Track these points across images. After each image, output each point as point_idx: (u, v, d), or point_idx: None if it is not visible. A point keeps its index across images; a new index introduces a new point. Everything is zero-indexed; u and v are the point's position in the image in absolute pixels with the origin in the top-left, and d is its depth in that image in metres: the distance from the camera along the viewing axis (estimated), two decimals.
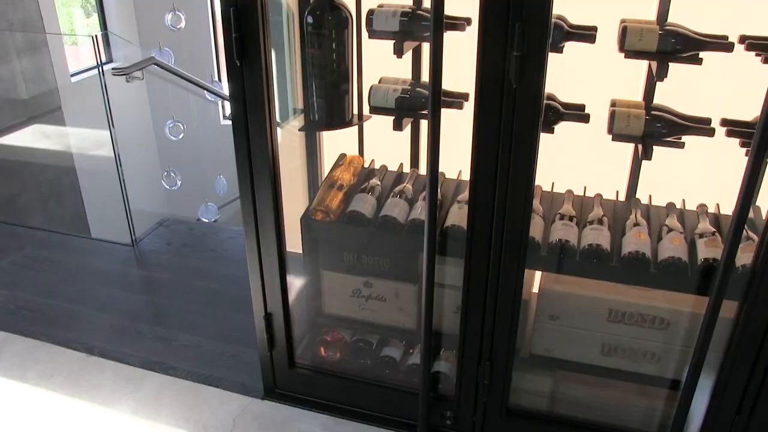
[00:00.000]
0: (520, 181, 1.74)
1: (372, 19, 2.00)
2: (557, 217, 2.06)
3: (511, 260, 1.86)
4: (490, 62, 1.63)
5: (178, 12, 4.25)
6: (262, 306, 2.26)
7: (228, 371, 2.62)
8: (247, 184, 2.04)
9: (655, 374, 2.10)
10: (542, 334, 2.13)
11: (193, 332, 2.84)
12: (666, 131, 1.87)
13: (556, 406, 2.28)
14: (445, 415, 2.23)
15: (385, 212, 2.14)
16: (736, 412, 1.92)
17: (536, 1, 1.52)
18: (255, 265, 2.17)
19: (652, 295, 2.01)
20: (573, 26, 1.80)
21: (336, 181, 2.28)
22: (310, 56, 2.04)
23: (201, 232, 3.76)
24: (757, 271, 1.71)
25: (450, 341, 2.18)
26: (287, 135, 2.50)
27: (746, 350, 1.82)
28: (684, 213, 2.15)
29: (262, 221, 2.08)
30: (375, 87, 2.10)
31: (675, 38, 1.76)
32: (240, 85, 1.89)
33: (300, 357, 2.41)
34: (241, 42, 1.82)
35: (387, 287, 2.24)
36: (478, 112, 1.69)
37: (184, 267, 3.36)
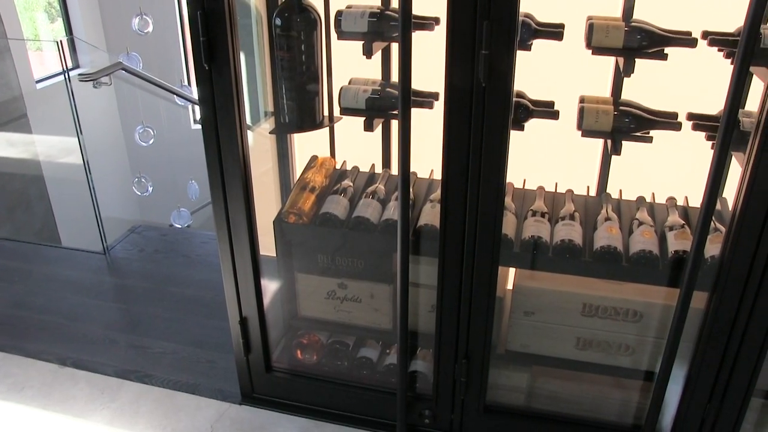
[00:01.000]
0: (491, 179, 1.75)
1: (340, 20, 2.00)
2: (529, 214, 2.08)
3: (485, 258, 1.87)
4: (459, 61, 1.63)
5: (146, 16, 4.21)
6: (236, 310, 2.24)
7: (204, 377, 2.59)
8: (218, 188, 2.02)
9: (630, 366, 2.12)
10: (518, 331, 2.14)
11: (168, 339, 2.81)
12: (634, 126, 1.89)
13: (533, 402, 2.29)
14: (423, 414, 2.24)
15: (358, 213, 2.14)
16: (708, 400, 1.95)
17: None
18: (229, 269, 2.16)
19: (624, 289, 2.03)
20: (540, 24, 1.81)
21: (308, 183, 2.27)
22: (279, 58, 2.03)
23: (174, 237, 3.72)
24: (725, 262, 1.74)
25: (426, 340, 2.19)
26: (258, 138, 2.49)
27: (716, 340, 1.85)
28: (654, 206, 2.18)
29: (235, 225, 2.07)
30: (345, 88, 2.09)
31: (640, 34, 1.78)
32: (209, 88, 1.87)
33: (276, 361, 2.40)
34: (209, 45, 1.80)
35: (362, 288, 2.24)
36: (448, 111, 1.70)
37: (157, 274, 3.32)
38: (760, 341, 1.81)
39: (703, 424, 2.00)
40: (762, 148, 1.57)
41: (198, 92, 1.91)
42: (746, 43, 1.45)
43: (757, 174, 1.60)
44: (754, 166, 1.60)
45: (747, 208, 1.65)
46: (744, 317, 1.79)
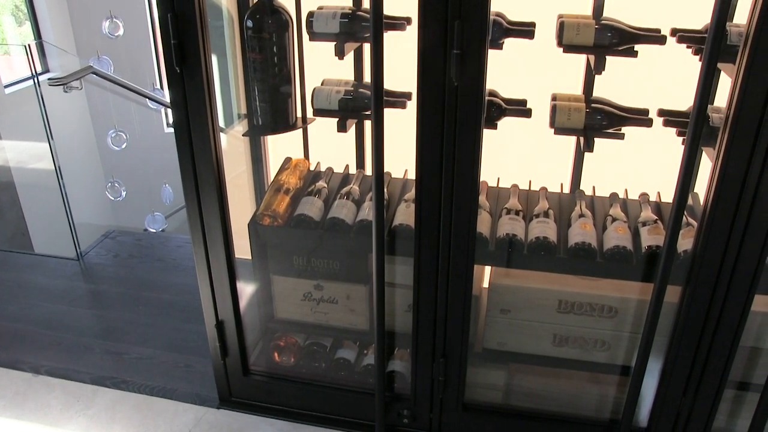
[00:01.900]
0: (465, 178, 1.76)
1: (312, 21, 1.99)
2: (504, 212, 2.09)
3: (460, 256, 1.88)
4: (431, 61, 1.63)
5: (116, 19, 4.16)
6: (213, 314, 2.23)
7: (182, 382, 2.57)
8: (192, 191, 2.01)
9: (606, 362, 2.13)
10: (494, 328, 2.15)
11: (144, 344, 2.79)
12: (606, 123, 1.90)
13: (511, 399, 2.30)
14: (402, 414, 2.24)
15: (333, 214, 2.13)
16: (683, 392, 1.97)
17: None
18: (204, 273, 2.15)
19: (599, 285, 2.05)
20: (512, 23, 1.82)
21: (282, 185, 2.26)
22: (251, 60, 2.02)
23: (148, 242, 3.69)
24: (698, 256, 1.76)
25: (403, 340, 2.19)
26: (232, 140, 2.48)
27: (690, 333, 1.87)
28: (627, 202, 2.20)
29: (210, 229, 2.06)
30: (318, 89, 2.09)
31: (611, 32, 1.80)
32: (181, 91, 1.86)
33: (254, 364, 2.39)
34: (180, 48, 1.79)
35: (338, 289, 2.24)
36: (420, 110, 1.70)
37: (132, 279, 3.29)
38: (732, 333, 1.83)
39: (678, 416, 2.02)
40: (731, 142, 1.59)
41: (170, 95, 1.89)
42: (713, 41, 1.47)
43: (726, 168, 1.62)
44: (723, 160, 1.62)
45: (718, 202, 1.67)
46: (716, 310, 1.82)
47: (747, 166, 1.61)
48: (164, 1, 1.73)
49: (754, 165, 1.60)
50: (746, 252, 1.71)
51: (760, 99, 1.52)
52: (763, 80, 1.50)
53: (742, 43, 1.52)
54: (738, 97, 1.54)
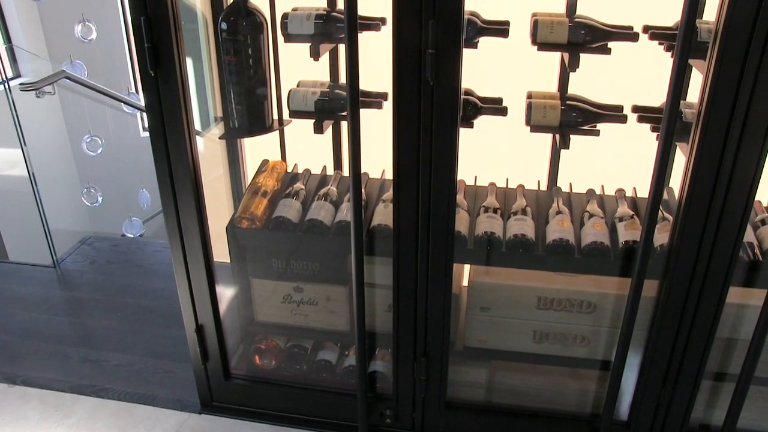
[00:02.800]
0: (442, 177, 1.76)
1: (287, 23, 1.98)
2: (482, 210, 2.09)
3: (439, 255, 1.88)
4: (406, 61, 1.64)
5: (89, 23, 4.12)
6: (192, 319, 2.21)
7: (163, 388, 2.55)
8: (169, 196, 1.99)
9: (586, 357, 2.15)
10: (475, 326, 2.15)
11: (123, 351, 2.76)
12: (581, 120, 1.92)
13: (493, 396, 2.31)
14: (384, 414, 2.24)
15: (311, 216, 2.13)
16: (662, 385, 1.99)
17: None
18: (183, 277, 2.13)
19: (578, 281, 2.06)
20: (486, 22, 1.83)
21: (260, 187, 2.25)
22: (227, 63, 2.01)
23: (126, 248, 3.66)
24: (674, 250, 1.78)
25: (384, 340, 2.19)
26: (208, 144, 2.46)
27: (668, 326, 1.89)
28: (603, 198, 2.22)
29: (187, 233, 2.04)
30: (294, 91, 2.08)
31: (584, 30, 1.81)
32: (155, 95, 1.84)
33: (235, 368, 2.37)
34: (153, 51, 1.77)
35: (318, 291, 2.23)
36: (397, 111, 1.70)
37: (110, 285, 3.26)
38: (709, 325, 1.86)
39: (658, 408, 2.04)
40: (703, 137, 1.61)
41: (144, 99, 1.88)
42: (684, 37, 1.48)
43: (700, 163, 1.64)
44: (697, 155, 1.64)
45: (692, 196, 1.69)
46: (693, 303, 1.84)
47: (719, 160, 1.63)
48: (137, 5, 1.72)
49: (726, 159, 1.62)
50: (720, 245, 1.73)
51: (730, 94, 1.54)
52: (733, 75, 1.53)
53: (711, 40, 1.54)
54: (709, 93, 1.56)
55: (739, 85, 1.53)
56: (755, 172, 1.63)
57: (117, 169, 5.21)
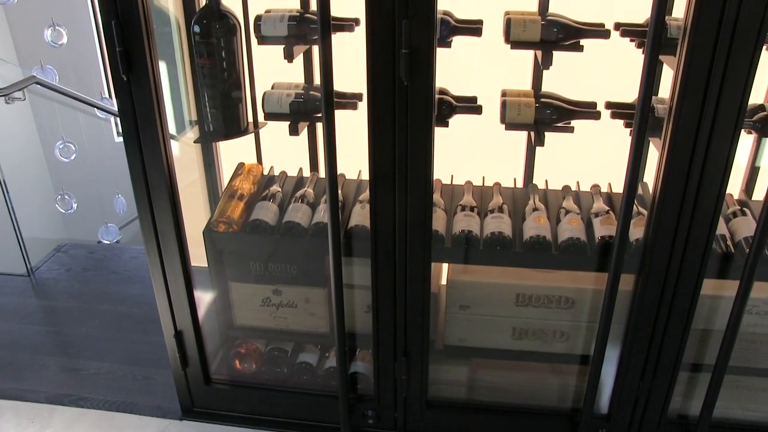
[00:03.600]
0: (418, 176, 1.77)
1: (260, 25, 1.98)
2: (459, 209, 2.10)
3: (417, 255, 1.89)
4: (380, 61, 1.64)
5: (59, 27, 4.07)
6: (171, 324, 2.20)
7: (143, 395, 2.53)
8: (144, 201, 1.98)
9: (565, 352, 2.17)
10: (454, 325, 2.16)
11: (102, 359, 2.73)
12: (556, 117, 1.93)
13: (474, 394, 2.32)
14: (366, 415, 2.24)
15: (288, 218, 2.12)
16: (641, 377, 2.01)
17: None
18: (160, 283, 2.11)
19: (555, 277, 2.07)
20: (459, 21, 1.83)
21: (236, 191, 2.24)
22: (200, 66, 1.99)
23: (102, 254, 3.62)
24: (649, 244, 1.80)
25: (365, 341, 2.19)
26: (184, 148, 2.44)
27: (645, 319, 1.91)
28: (579, 194, 2.24)
29: (164, 238, 2.03)
30: (268, 93, 2.07)
31: (557, 27, 1.82)
32: (128, 100, 1.83)
33: (215, 372, 2.36)
34: (126, 56, 1.76)
35: (297, 293, 2.23)
36: (372, 111, 1.70)
37: (86, 292, 3.22)
38: (684, 317, 1.88)
39: (637, 400, 2.06)
40: (675, 132, 1.63)
41: (117, 104, 1.86)
42: (654, 34, 1.50)
43: (672, 157, 1.66)
44: (669, 150, 1.66)
45: (665, 190, 1.71)
46: (669, 296, 1.86)
47: (691, 155, 1.65)
48: (107, 8, 1.70)
49: (698, 153, 1.64)
50: (694, 238, 1.76)
51: (699, 89, 1.56)
52: (702, 70, 1.55)
53: (680, 36, 1.56)
54: (679, 88, 1.58)
55: (709, 80, 1.55)
56: (726, 165, 1.65)
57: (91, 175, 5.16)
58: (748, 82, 1.55)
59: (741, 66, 1.53)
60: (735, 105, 1.57)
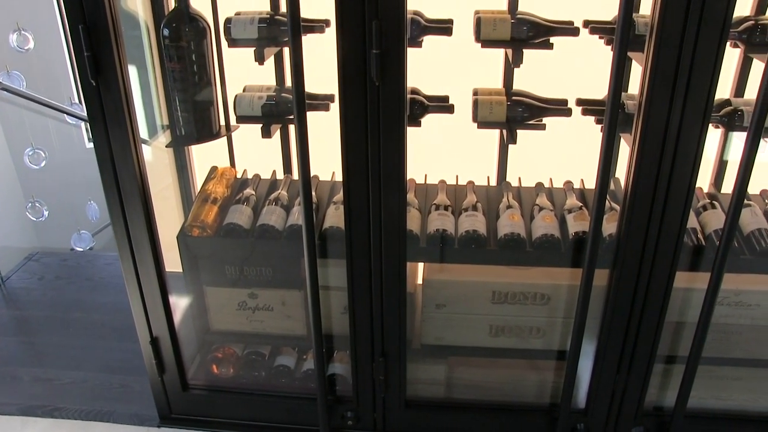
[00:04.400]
0: (392, 177, 1.77)
1: (230, 27, 1.96)
2: (433, 208, 2.10)
3: (392, 255, 1.89)
4: (351, 62, 1.64)
5: (24, 32, 4.00)
6: (146, 331, 2.18)
7: (119, 403, 2.50)
8: (116, 207, 1.96)
9: (542, 348, 2.18)
10: (431, 324, 2.16)
11: (77, 368, 2.69)
12: (527, 115, 1.94)
13: (453, 392, 2.33)
14: (346, 416, 2.23)
15: (263, 221, 2.11)
16: (617, 371, 2.03)
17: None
18: (134, 289, 2.09)
19: (531, 273, 2.09)
20: (430, 21, 1.84)
21: (209, 194, 2.23)
22: (170, 70, 1.98)
23: (75, 262, 3.57)
24: (622, 239, 1.82)
25: (342, 342, 2.18)
26: (156, 152, 2.42)
27: (620, 313, 1.93)
28: (552, 191, 2.25)
29: (137, 244, 2.01)
30: (239, 96, 2.06)
31: (526, 26, 1.83)
32: (98, 105, 1.80)
33: (193, 378, 2.34)
34: (94, 60, 1.73)
35: (273, 296, 2.22)
36: (343, 112, 1.70)
37: (60, 301, 3.18)
38: (658, 310, 1.90)
39: (614, 393, 2.08)
40: (645, 127, 1.65)
41: (86, 110, 1.84)
42: (622, 31, 1.51)
43: (643, 153, 1.68)
44: (639, 145, 1.67)
45: (637, 185, 1.73)
46: (642, 289, 1.88)
47: (661, 150, 1.67)
48: (74, 12, 1.68)
49: (668, 148, 1.66)
50: (666, 232, 1.78)
51: (668, 84, 1.58)
52: (670, 67, 1.56)
53: (648, 33, 1.58)
54: (648, 84, 1.59)
55: (676, 76, 1.57)
56: (695, 159, 1.67)
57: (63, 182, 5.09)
58: (714, 78, 1.57)
59: (707, 62, 1.55)
60: (702, 100, 1.60)
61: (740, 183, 1.68)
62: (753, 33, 1.85)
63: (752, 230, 1.98)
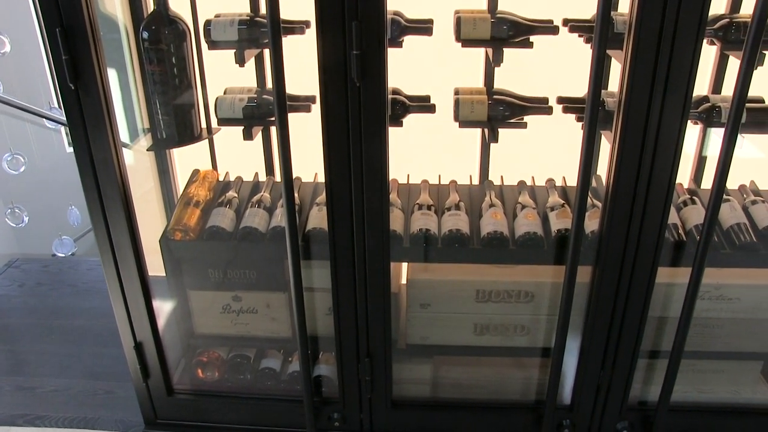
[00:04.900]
0: (374, 177, 1.77)
1: (210, 29, 1.96)
2: (416, 208, 2.11)
3: (376, 255, 1.89)
4: (332, 63, 1.63)
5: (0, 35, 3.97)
6: (130, 336, 2.16)
7: (104, 410, 2.49)
8: (98, 212, 1.94)
9: (527, 345, 2.19)
10: (416, 324, 2.17)
11: (60, 375, 2.67)
12: (508, 113, 1.95)
13: (439, 391, 2.33)
14: (332, 418, 2.23)
15: (245, 224, 2.11)
16: (601, 367, 2.04)
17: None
18: (117, 295, 2.08)
19: (514, 272, 2.10)
20: (410, 20, 1.84)
21: (192, 198, 2.22)
22: (150, 73, 1.97)
23: (57, 268, 3.55)
24: (604, 235, 1.83)
25: (327, 343, 2.18)
26: (137, 156, 2.41)
27: (603, 309, 1.94)
28: (534, 189, 2.26)
29: (120, 248, 1.99)
30: (220, 98, 2.05)
31: (506, 25, 1.84)
32: (77, 109, 1.79)
33: (178, 382, 2.33)
34: (72, 64, 1.72)
35: (257, 299, 2.21)
36: (325, 113, 1.70)
37: (42, 308, 3.15)
38: (641, 306, 1.92)
39: (599, 389, 2.10)
40: (625, 124, 1.66)
41: (65, 114, 1.82)
42: (601, 29, 1.52)
43: (623, 150, 1.69)
44: (620, 142, 1.69)
45: (618, 181, 1.74)
46: (625, 285, 1.89)
47: (641, 146, 1.68)
48: (50, 15, 1.66)
49: (648, 144, 1.67)
50: (647, 227, 1.79)
51: (647, 82, 1.60)
52: (648, 64, 1.58)
53: (626, 31, 1.59)
54: (627, 81, 1.61)
55: (655, 73, 1.59)
56: (675, 155, 1.69)
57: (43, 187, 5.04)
58: (691, 75, 1.58)
59: (684, 59, 1.56)
60: (681, 97, 1.61)
61: (719, 178, 1.69)
62: (728, 30, 1.87)
63: (731, 225, 2.00)
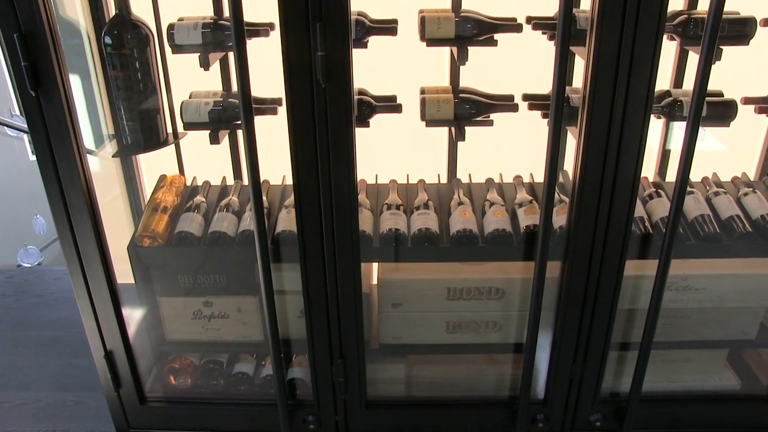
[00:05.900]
0: (342, 178, 1.76)
1: (173, 33, 1.94)
2: (385, 208, 2.11)
3: (346, 256, 1.89)
4: (297, 65, 1.63)
5: None
6: (100, 345, 2.13)
7: (75, 421, 2.45)
8: (63, 220, 1.91)
9: (499, 342, 2.20)
10: (388, 323, 2.17)
11: (28, 388, 2.63)
12: (475, 111, 1.96)
13: (413, 390, 2.34)
14: (307, 420, 2.22)
15: (214, 228, 2.09)
16: (573, 360, 2.06)
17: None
18: (86, 303, 2.05)
19: (484, 269, 2.11)
20: (374, 21, 1.84)
21: (159, 203, 2.20)
22: (114, 78, 1.94)
23: (23, 278, 3.48)
24: (572, 230, 1.85)
25: (300, 346, 2.17)
26: (102, 162, 2.38)
27: (573, 304, 1.96)
28: (503, 186, 2.28)
29: (87, 257, 1.96)
30: (186, 102, 2.04)
31: (470, 23, 1.85)
32: (39, 116, 1.76)
33: (150, 391, 2.30)
34: (32, 70, 1.69)
35: (228, 303, 2.20)
36: (291, 115, 1.69)
37: (7, 320, 3.09)
38: (610, 299, 1.94)
39: (571, 383, 2.12)
40: (590, 120, 1.68)
41: (27, 121, 1.79)
42: (563, 26, 1.54)
43: (588, 145, 1.71)
44: (585, 137, 1.70)
45: (584, 176, 1.76)
46: (594, 279, 1.91)
47: (606, 141, 1.70)
48: (8, 21, 1.63)
49: (612, 139, 1.69)
50: (614, 221, 1.81)
51: (610, 77, 1.61)
52: (611, 60, 1.60)
53: (588, 27, 1.61)
54: (591, 77, 1.62)
55: (617, 69, 1.60)
56: (639, 149, 1.71)
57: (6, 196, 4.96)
58: (653, 69, 1.61)
59: (646, 54, 1.58)
60: (643, 91, 1.63)
61: (682, 171, 1.72)
62: (687, 26, 1.90)
63: (696, 216, 2.04)
